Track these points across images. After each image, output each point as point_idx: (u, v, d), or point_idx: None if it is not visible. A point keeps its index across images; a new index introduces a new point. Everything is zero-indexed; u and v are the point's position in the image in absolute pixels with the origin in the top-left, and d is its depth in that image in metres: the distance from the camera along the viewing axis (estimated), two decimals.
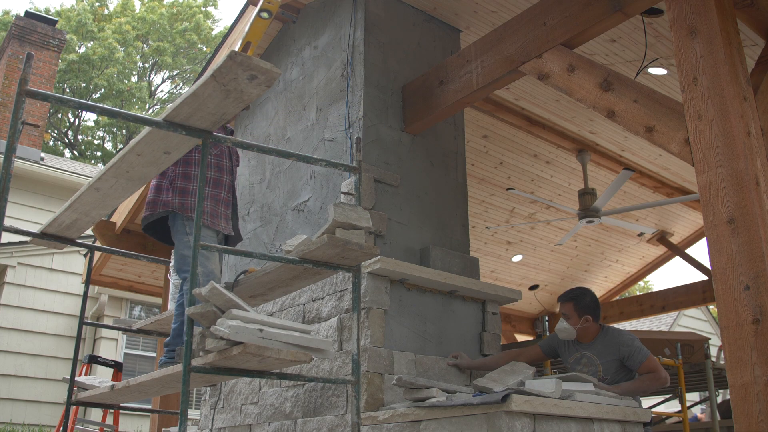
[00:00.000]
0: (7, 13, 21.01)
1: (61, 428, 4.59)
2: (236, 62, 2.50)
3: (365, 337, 3.62)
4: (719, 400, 8.59)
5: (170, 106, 2.82)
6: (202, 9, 23.15)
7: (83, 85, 21.18)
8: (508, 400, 2.86)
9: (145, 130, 2.91)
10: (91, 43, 21.30)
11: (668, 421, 7.55)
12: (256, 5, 4.48)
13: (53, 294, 9.72)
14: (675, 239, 8.87)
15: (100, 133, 23.72)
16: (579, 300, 3.86)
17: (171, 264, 4.32)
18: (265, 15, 4.21)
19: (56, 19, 13.10)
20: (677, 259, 9.08)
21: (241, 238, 4.07)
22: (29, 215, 10.26)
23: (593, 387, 3.34)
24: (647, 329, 14.98)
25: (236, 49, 4.23)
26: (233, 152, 3.97)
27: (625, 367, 3.74)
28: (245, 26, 4.87)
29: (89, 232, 7.62)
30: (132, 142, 3.01)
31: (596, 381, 3.44)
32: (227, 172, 3.82)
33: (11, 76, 11.43)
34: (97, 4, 22.53)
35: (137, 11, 22.39)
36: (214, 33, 23.37)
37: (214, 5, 24.06)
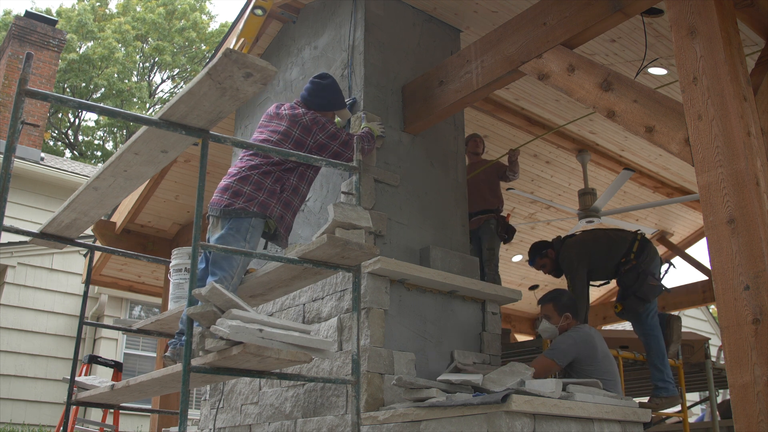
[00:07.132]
0: (8, 13, 20.99)
1: (61, 428, 4.59)
2: (231, 60, 2.50)
3: (365, 337, 3.62)
4: (719, 400, 8.58)
5: (167, 104, 2.81)
6: (197, 5, 23.09)
7: (83, 84, 21.17)
8: (508, 400, 2.86)
9: (142, 128, 2.91)
10: (92, 42, 21.29)
11: (668, 421, 7.54)
12: (250, 2, 4.47)
13: (53, 294, 9.72)
14: (675, 239, 8.86)
15: (100, 133, 23.71)
16: (558, 300, 4.16)
17: (171, 264, 4.31)
18: (259, 12, 4.18)
19: (56, 19, 13.10)
20: (677, 259, 9.06)
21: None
22: (29, 215, 10.26)
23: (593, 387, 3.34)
24: None
25: (231, 46, 4.20)
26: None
27: (577, 366, 3.92)
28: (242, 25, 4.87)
29: (89, 232, 7.62)
30: (129, 140, 3.01)
31: (596, 380, 3.45)
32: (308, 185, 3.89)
33: (11, 76, 11.43)
34: (98, 4, 22.51)
35: (138, 12, 22.36)
36: (210, 29, 23.30)
37: None
